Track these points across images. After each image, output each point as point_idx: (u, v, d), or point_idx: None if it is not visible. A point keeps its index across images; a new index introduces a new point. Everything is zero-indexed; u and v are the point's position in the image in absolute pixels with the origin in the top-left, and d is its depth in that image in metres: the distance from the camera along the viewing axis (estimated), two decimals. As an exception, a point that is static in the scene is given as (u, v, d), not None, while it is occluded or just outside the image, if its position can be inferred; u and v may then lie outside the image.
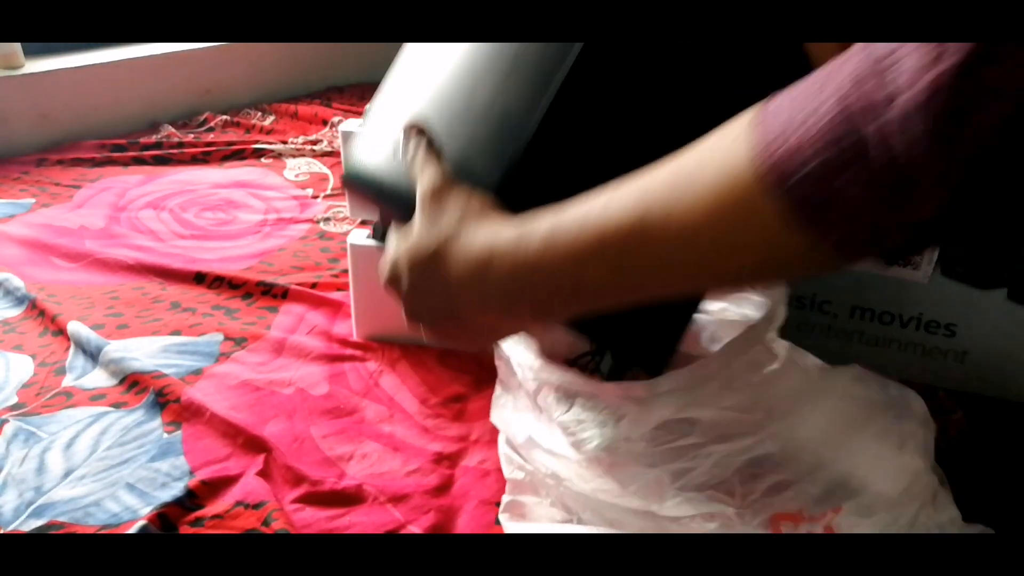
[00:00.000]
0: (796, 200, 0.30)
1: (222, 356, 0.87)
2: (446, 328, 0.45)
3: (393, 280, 0.46)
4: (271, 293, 1.00)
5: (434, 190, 0.46)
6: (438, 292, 0.43)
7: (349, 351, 0.89)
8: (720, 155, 0.33)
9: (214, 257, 1.10)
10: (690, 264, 0.35)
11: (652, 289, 0.38)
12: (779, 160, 0.30)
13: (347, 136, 0.79)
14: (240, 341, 0.90)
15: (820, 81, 0.31)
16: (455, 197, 0.45)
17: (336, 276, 1.04)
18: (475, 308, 0.43)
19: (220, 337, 0.91)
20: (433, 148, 0.49)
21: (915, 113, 0.26)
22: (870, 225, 0.30)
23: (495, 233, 0.42)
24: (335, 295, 0.98)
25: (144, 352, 0.87)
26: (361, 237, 0.85)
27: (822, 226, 0.30)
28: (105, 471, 0.72)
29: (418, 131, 0.51)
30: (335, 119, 1.60)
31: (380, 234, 0.76)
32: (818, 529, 0.56)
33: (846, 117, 0.28)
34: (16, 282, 1.00)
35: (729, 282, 0.42)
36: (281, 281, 1.01)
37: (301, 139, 1.52)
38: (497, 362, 0.70)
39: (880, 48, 0.28)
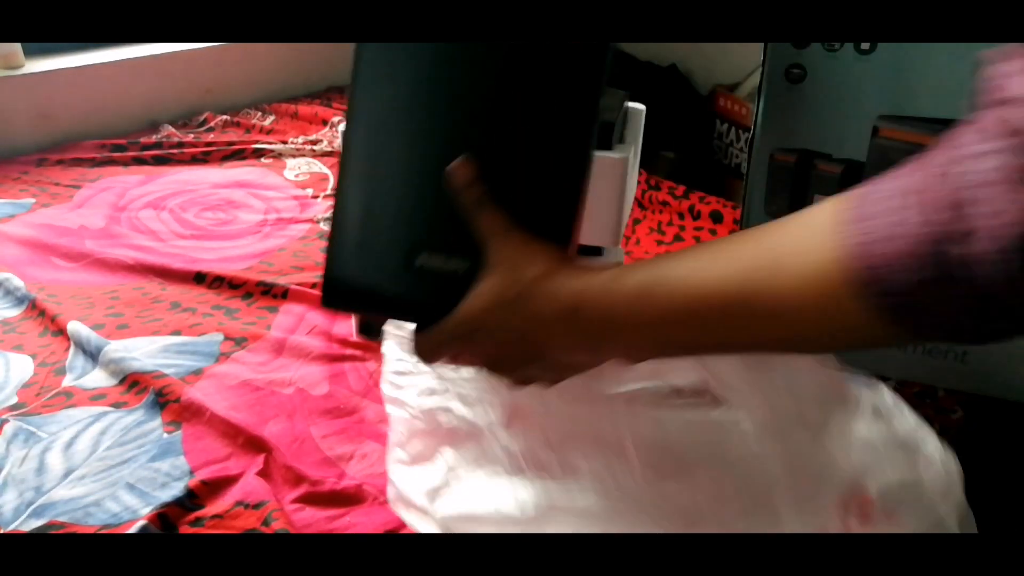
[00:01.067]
0: (885, 304, 0.34)
1: (222, 356, 0.87)
2: (530, 370, 0.47)
3: (466, 336, 0.47)
4: (271, 293, 1.00)
5: (507, 237, 0.47)
6: (527, 335, 0.45)
7: (349, 351, 0.89)
8: (809, 246, 0.36)
9: (214, 257, 1.10)
10: (774, 339, 0.40)
11: (733, 351, 0.43)
12: (868, 269, 0.33)
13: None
14: (240, 341, 0.90)
15: (900, 191, 0.34)
16: (533, 245, 0.46)
17: (336, 276, 1.04)
18: (562, 350, 0.45)
19: (220, 337, 0.91)
20: (483, 191, 0.48)
21: (993, 252, 0.30)
22: (951, 327, 0.34)
23: (585, 282, 0.44)
24: (335, 295, 0.98)
25: (144, 352, 0.87)
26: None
27: (906, 325, 0.34)
28: (105, 471, 0.72)
29: (465, 171, 0.48)
30: (335, 119, 1.60)
31: (370, 330, 0.63)
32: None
33: (933, 242, 0.32)
34: (16, 282, 1.00)
35: (805, 352, 0.47)
36: (281, 281, 1.01)
37: (301, 139, 1.52)
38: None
39: (955, 174, 0.32)
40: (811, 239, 0.36)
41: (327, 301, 0.53)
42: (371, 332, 0.56)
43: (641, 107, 0.74)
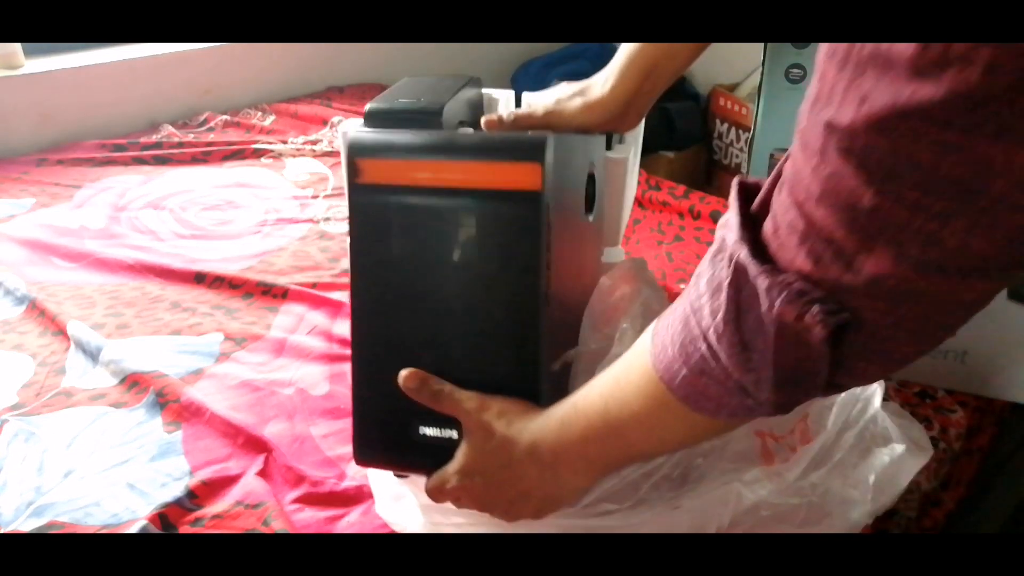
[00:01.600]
0: (684, 396, 0.44)
1: (222, 356, 0.87)
2: (516, 507, 0.55)
3: (459, 486, 0.55)
4: (271, 293, 1.00)
5: (473, 407, 0.54)
6: (506, 477, 0.54)
7: (349, 351, 0.88)
8: (639, 363, 0.47)
9: (214, 257, 1.10)
10: (654, 444, 0.50)
11: (641, 458, 0.53)
12: (663, 373, 0.44)
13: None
14: (240, 341, 0.90)
15: (672, 311, 0.45)
16: (495, 405, 0.54)
17: (336, 276, 1.04)
18: (536, 483, 0.53)
19: (220, 337, 0.91)
20: (440, 384, 0.56)
21: (716, 348, 0.40)
22: (737, 406, 0.42)
23: (539, 423, 0.53)
24: (335, 295, 0.98)
25: (144, 352, 0.87)
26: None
27: (709, 410, 0.44)
28: (105, 471, 0.72)
29: (411, 379, 0.56)
30: (335, 119, 1.60)
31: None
32: (796, 441, 0.58)
33: (687, 341, 0.42)
34: (16, 282, 1.00)
35: (674, 448, 0.54)
36: (281, 281, 1.01)
37: (301, 139, 1.52)
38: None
39: (687, 299, 0.43)
40: (639, 358, 0.47)
41: (359, 460, 0.61)
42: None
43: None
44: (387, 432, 0.59)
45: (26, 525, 0.66)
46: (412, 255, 0.56)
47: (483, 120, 0.65)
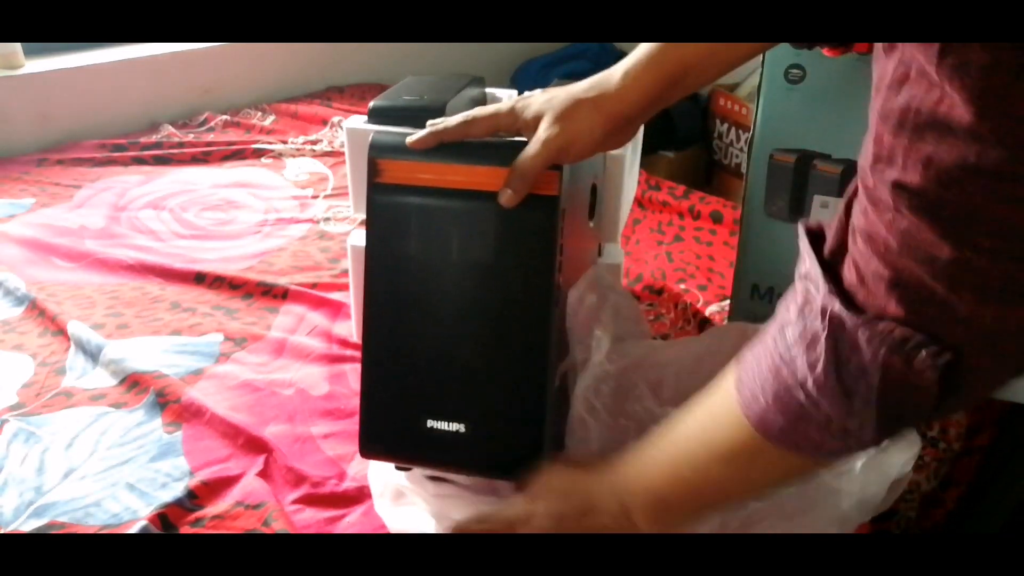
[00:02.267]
0: (783, 443, 0.44)
1: (222, 356, 0.87)
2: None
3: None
4: (271, 293, 1.00)
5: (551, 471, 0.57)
6: (584, 526, 0.54)
7: (349, 351, 0.89)
8: (725, 412, 0.47)
9: (214, 257, 1.10)
10: (743, 488, 0.51)
11: (722, 504, 0.54)
12: (758, 424, 0.45)
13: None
14: (240, 341, 0.90)
15: (760, 352, 0.45)
16: (573, 472, 0.56)
17: (336, 276, 1.04)
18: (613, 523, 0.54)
19: (220, 337, 0.91)
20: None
21: (815, 395, 0.41)
22: (838, 447, 0.43)
23: (621, 477, 0.54)
24: (335, 295, 0.98)
25: (144, 352, 0.87)
26: (362, 237, 0.84)
27: (808, 454, 0.45)
28: (105, 471, 0.72)
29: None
30: (335, 119, 1.60)
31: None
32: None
33: (782, 391, 0.42)
34: (16, 282, 1.00)
35: (764, 493, 0.56)
36: (281, 281, 1.01)
37: (301, 139, 1.52)
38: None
39: (776, 350, 0.43)
40: (726, 402, 0.47)
41: (364, 453, 0.62)
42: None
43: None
44: (394, 424, 0.60)
45: (26, 525, 0.66)
46: (428, 253, 0.58)
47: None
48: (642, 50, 0.59)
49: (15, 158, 1.41)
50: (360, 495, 0.69)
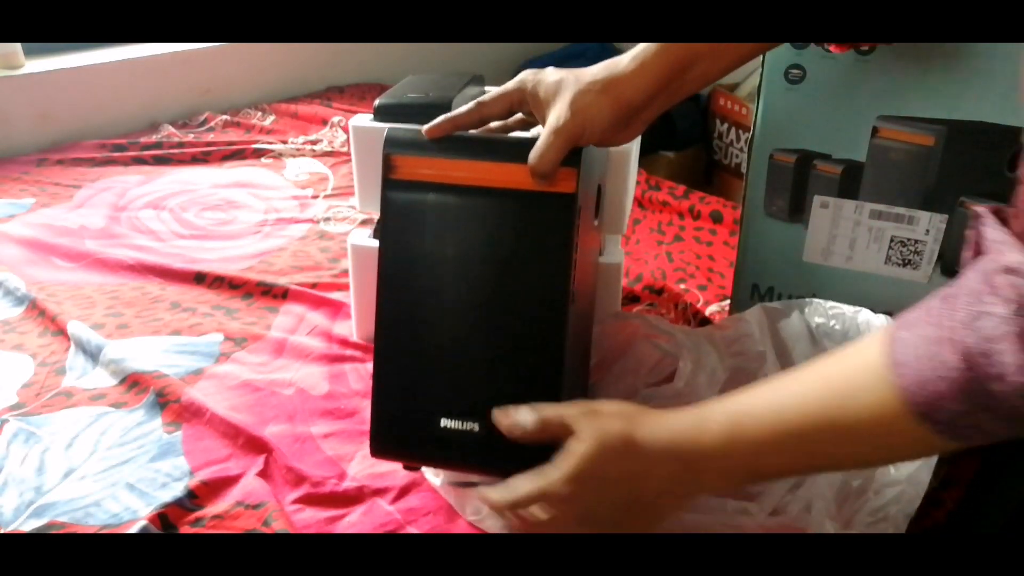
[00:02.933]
0: (943, 429, 0.43)
1: (222, 356, 0.87)
2: (630, 519, 0.52)
3: (572, 496, 0.51)
4: (271, 293, 1.00)
5: (586, 417, 0.52)
6: (631, 482, 0.51)
7: (349, 351, 0.89)
8: (871, 383, 0.45)
9: (214, 257, 1.10)
10: (851, 459, 0.49)
11: (810, 472, 0.53)
12: (926, 405, 0.42)
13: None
14: (240, 341, 0.90)
15: (935, 339, 0.42)
16: (611, 413, 0.53)
17: (336, 276, 1.04)
18: (663, 492, 0.51)
19: (220, 337, 0.91)
20: (543, 411, 0.54)
21: (1015, 390, 0.39)
22: (990, 437, 0.42)
23: (672, 426, 0.51)
24: (335, 295, 0.98)
25: (144, 352, 0.87)
26: (362, 237, 0.85)
27: (964, 440, 0.43)
28: (105, 471, 0.72)
29: (528, 417, 0.55)
30: (335, 119, 1.60)
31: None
32: None
33: (973, 380, 0.40)
34: (16, 282, 1.00)
35: (872, 466, 0.55)
36: (281, 281, 1.01)
37: (301, 139, 1.52)
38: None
39: (979, 334, 0.40)
40: (870, 377, 0.45)
41: (374, 452, 0.61)
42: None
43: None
44: (406, 423, 0.60)
45: (26, 525, 0.66)
46: (442, 250, 0.58)
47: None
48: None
49: (15, 158, 1.41)
50: (360, 495, 0.69)
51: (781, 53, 0.77)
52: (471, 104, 0.59)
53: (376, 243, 0.61)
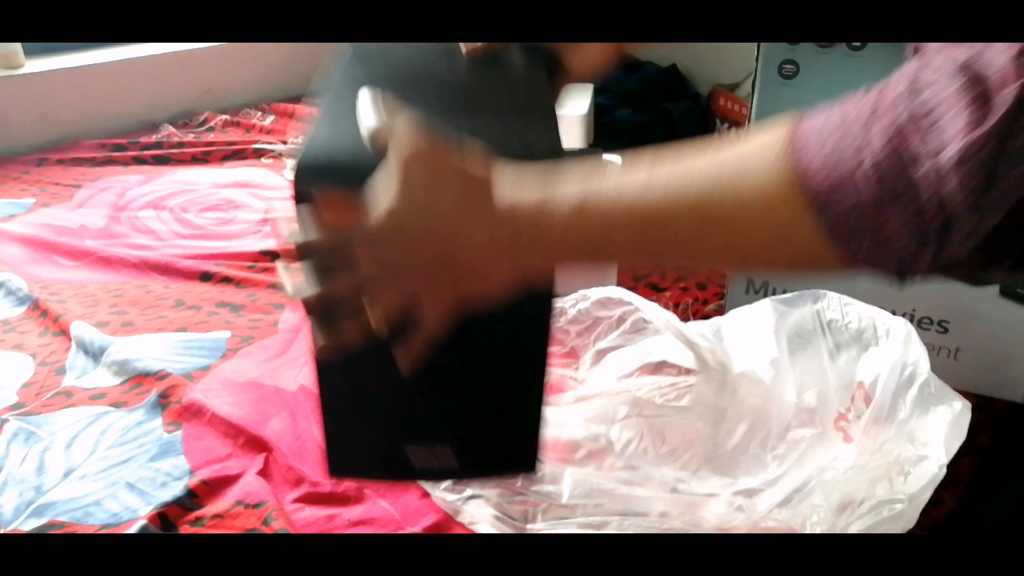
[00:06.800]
0: (838, 223, 0.35)
1: (229, 352, 0.88)
2: (438, 278, 0.43)
3: (382, 235, 0.43)
4: (277, 288, 1.00)
5: (419, 136, 0.43)
6: (450, 234, 0.42)
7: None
8: (762, 167, 0.38)
9: (214, 256, 1.10)
10: (726, 250, 0.40)
11: (675, 261, 0.45)
12: (826, 189, 0.35)
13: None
14: (246, 338, 0.90)
15: (857, 119, 0.35)
16: (449, 144, 0.44)
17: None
18: (477, 252, 0.42)
19: (227, 334, 0.91)
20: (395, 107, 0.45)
21: (954, 169, 0.31)
22: (902, 254, 0.35)
23: (518, 189, 0.43)
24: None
25: (150, 350, 0.87)
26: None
27: (855, 247, 0.35)
28: (105, 471, 0.72)
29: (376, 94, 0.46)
30: (335, 119, 1.60)
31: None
32: (862, 407, 0.67)
33: (897, 161, 0.33)
34: (18, 282, 1.00)
35: (753, 269, 0.47)
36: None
37: (301, 139, 1.52)
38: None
39: (919, 101, 0.33)
40: (765, 159, 0.38)
41: (332, 473, 0.58)
42: None
43: (617, 159, 0.81)
44: (366, 451, 0.57)
45: (26, 525, 0.66)
46: None
47: None
48: None
49: (15, 158, 1.41)
50: (360, 495, 0.69)
51: (775, 49, 0.77)
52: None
53: None
